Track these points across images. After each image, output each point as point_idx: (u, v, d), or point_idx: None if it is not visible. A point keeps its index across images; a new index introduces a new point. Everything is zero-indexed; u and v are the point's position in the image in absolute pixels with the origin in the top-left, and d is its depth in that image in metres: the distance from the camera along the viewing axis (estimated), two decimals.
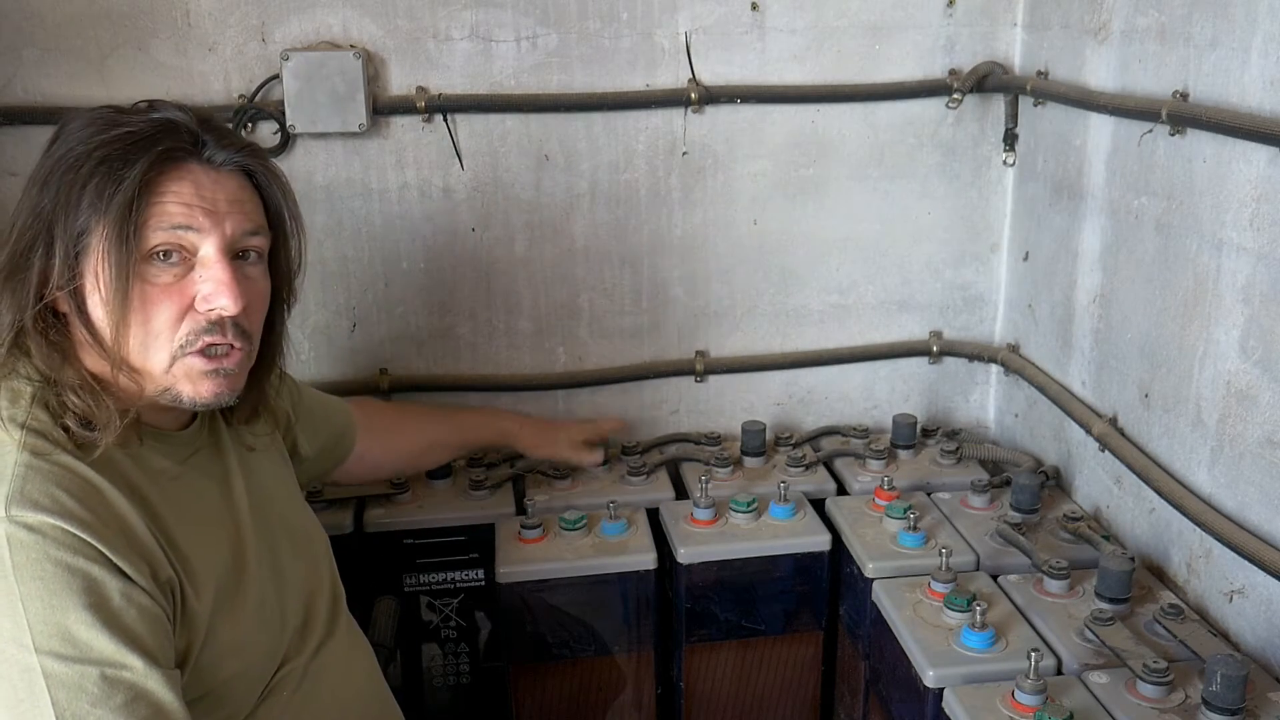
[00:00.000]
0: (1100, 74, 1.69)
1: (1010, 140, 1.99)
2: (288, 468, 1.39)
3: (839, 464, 1.96)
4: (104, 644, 0.95)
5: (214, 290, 1.08)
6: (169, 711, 0.97)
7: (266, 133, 1.83)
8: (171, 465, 1.13)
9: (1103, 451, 1.72)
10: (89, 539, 0.96)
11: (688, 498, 1.87)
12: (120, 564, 0.98)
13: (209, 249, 1.08)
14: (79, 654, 0.94)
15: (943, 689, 1.38)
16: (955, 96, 1.93)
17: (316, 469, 1.57)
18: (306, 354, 1.94)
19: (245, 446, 1.26)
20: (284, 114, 1.79)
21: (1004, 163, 2.02)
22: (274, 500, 1.27)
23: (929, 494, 1.85)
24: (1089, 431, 1.73)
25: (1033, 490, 1.73)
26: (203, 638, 1.07)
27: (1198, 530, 1.46)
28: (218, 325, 1.09)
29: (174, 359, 1.08)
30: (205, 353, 1.09)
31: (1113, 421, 1.70)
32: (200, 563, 1.09)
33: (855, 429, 2.05)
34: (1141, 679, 1.30)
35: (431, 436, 1.79)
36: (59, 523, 0.96)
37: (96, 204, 1.03)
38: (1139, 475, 1.59)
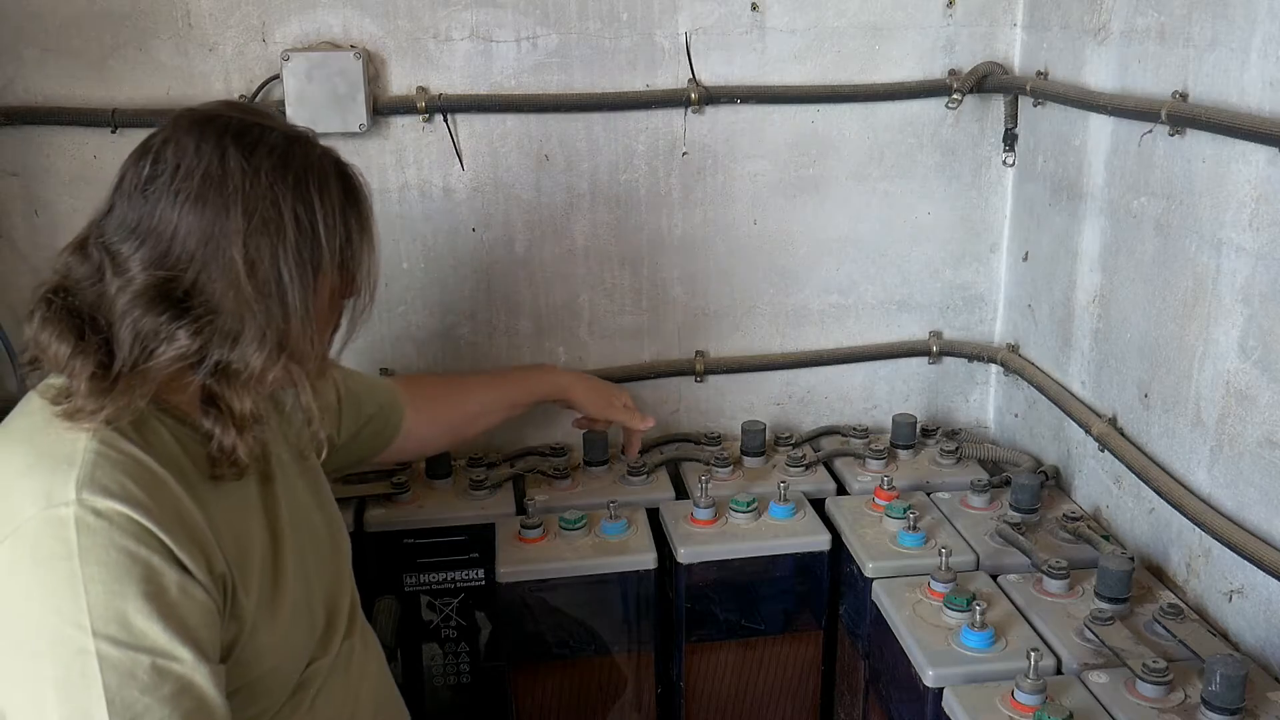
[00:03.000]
0: (1100, 74, 1.69)
1: (1010, 140, 1.99)
2: (319, 468, 1.38)
3: (839, 464, 1.96)
4: (158, 634, 0.96)
5: None
6: (212, 706, 0.98)
7: None
8: None
9: (1102, 451, 1.72)
10: (153, 529, 0.97)
11: (688, 498, 1.87)
12: (180, 556, 0.98)
13: None
14: (133, 641, 0.95)
15: (942, 689, 1.38)
16: (955, 97, 1.94)
17: (357, 453, 1.56)
18: None
19: (290, 445, 1.27)
20: (285, 114, 1.80)
21: (1004, 163, 2.02)
22: (305, 504, 1.27)
23: (929, 494, 1.85)
24: (1088, 431, 1.73)
25: (1032, 490, 1.73)
26: (247, 633, 1.08)
27: (1197, 530, 1.46)
28: None
29: None
30: None
31: (1112, 421, 1.70)
32: (247, 560, 1.10)
33: (855, 429, 2.05)
34: (1141, 679, 1.31)
35: (481, 401, 1.75)
36: (126, 510, 0.96)
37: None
38: (1138, 475, 1.59)
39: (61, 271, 1.05)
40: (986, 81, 1.94)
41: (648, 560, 1.72)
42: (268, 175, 1.03)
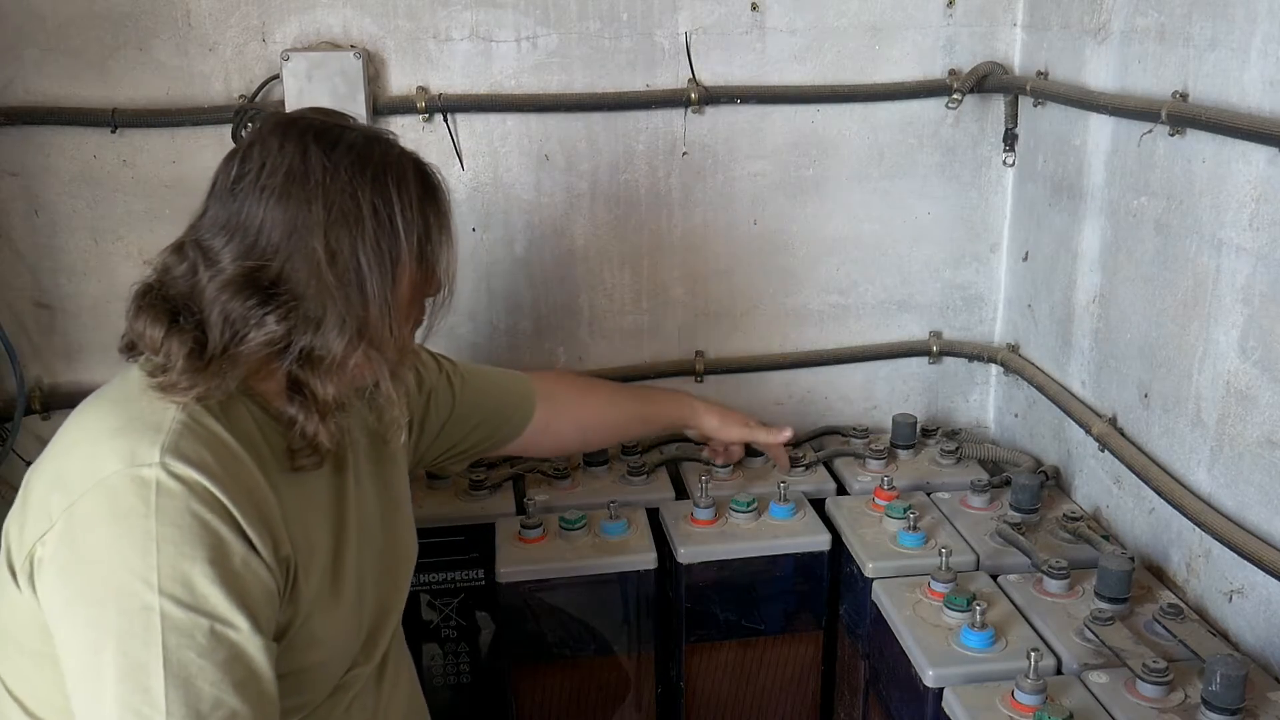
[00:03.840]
0: (1100, 74, 1.69)
1: (1010, 140, 1.99)
2: (402, 474, 1.38)
3: (839, 464, 1.96)
4: (219, 600, 0.98)
5: None
6: (261, 677, 1.00)
7: None
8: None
9: (1102, 451, 1.72)
10: (226, 502, 1.00)
11: (688, 498, 1.87)
12: (248, 531, 1.01)
13: None
14: (195, 603, 0.97)
15: (942, 689, 1.38)
16: (955, 97, 1.94)
17: (474, 442, 1.56)
18: None
19: (377, 436, 1.27)
20: None
21: (1004, 163, 2.02)
22: (373, 509, 1.27)
23: (929, 494, 1.85)
24: (1089, 431, 1.73)
25: (1032, 490, 1.73)
26: (302, 620, 1.10)
27: (1197, 530, 1.46)
28: None
29: None
30: None
31: (1112, 421, 1.70)
32: (312, 550, 1.12)
33: (855, 429, 2.05)
34: (1141, 679, 1.31)
35: (620, 411, 1.75)
36: (203, 480, 0.99)
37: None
38: (1139, 475, 1.59)
39: (159, 269, 1.09)
40: (986, 81, 1.94)
41: (648, 560, 1.72)
42: (347, 171, 1.07)
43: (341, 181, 1.07)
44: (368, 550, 1.24)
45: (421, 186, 1.14)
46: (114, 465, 0.99)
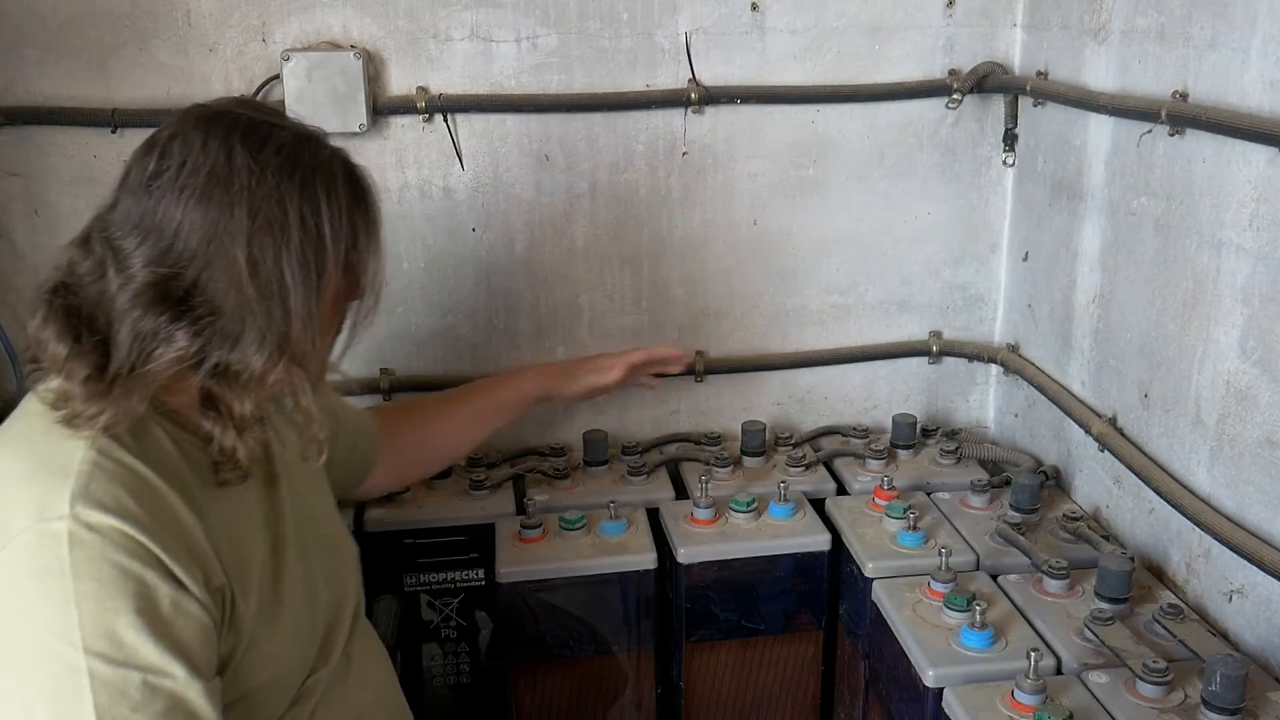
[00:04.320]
0: (1100, 74, 1.69)
1: (1010, 140, 1.99)
2: (323, 475, 1.36)
3: (839, 464, 1.96)
4: (150, 651, 0.94)
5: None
6: None
7: None
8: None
9: (1102, 451, 1.72)
10: (148, 543, 0.95)
11: (688, 498, 1.87)
12: (175, 570, 0.97)
13: None
14: (125, 658, 0.93)
15: (942, 689, 1.38)
16: (955, 97, 1.94)
17: (337, 482, 1.47)
18: None
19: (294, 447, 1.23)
20: None
21: (1004, 163, 2.02)
22: (312, 507, 1.26)
23: (929, 494, 1.85)
24: (1088, 431, 1.73)
25: (1032, 490, 1.73)
26: (246, 644, 1.06)
27: (1197, 530, 1.46)
28: None
29: None
30: None
31: (1112, 421, 1.70)
32: (247, 568, 1.08)
33: (855, 429, 2.05)
34: (1141, 679, 1.31)
35: (461, 427, 1.70)
36: (121, 525, 0.94)
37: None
38: (1138, 475, 1.59)
39: (65, 267, 1.03)
40: (986, 81, 1.94)
41: (648, 560, 1.72)
42: (274, 174, 1.01)
43: (268, 186, 1.00)
44: (312, 547, 1.21)
45: (351, 192, 1.08)
46: (23, 521, 0.94)
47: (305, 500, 1.24)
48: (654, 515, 1.82)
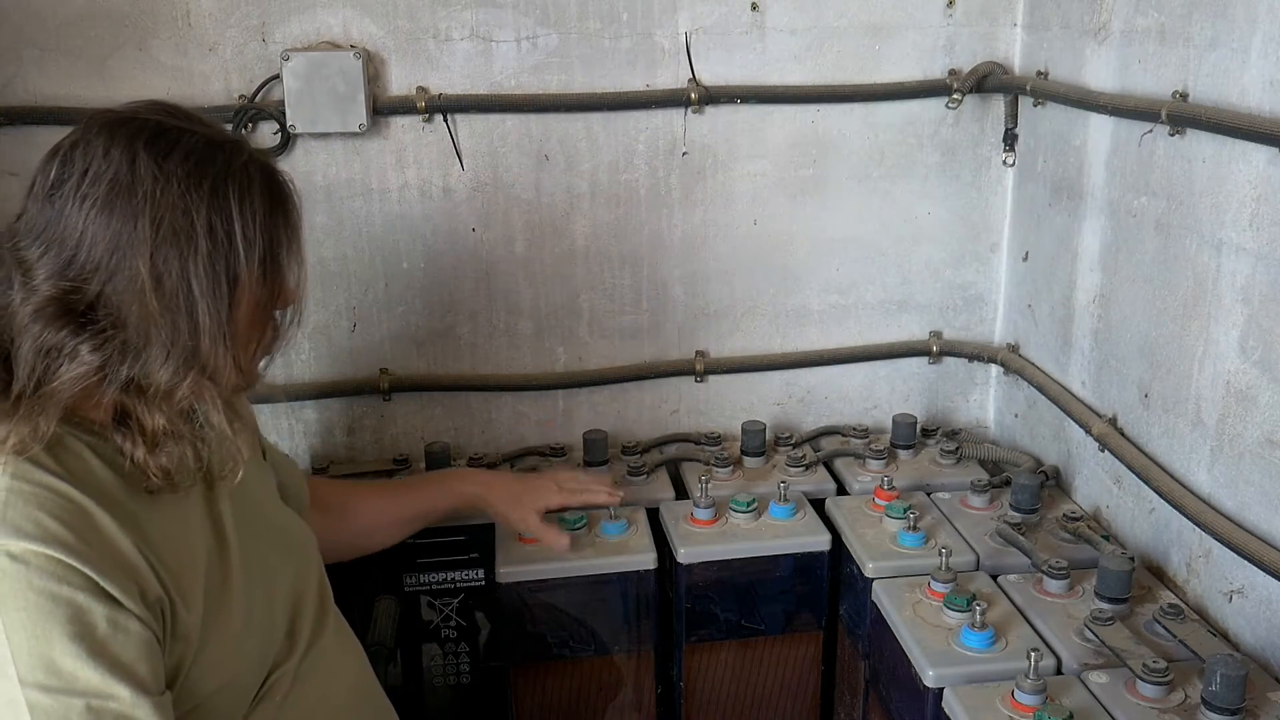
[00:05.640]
0: (1100, 74, 1.69)
1: (1010, 140, 1.99)
2: (266, 469, 1.34)
3: (839, 464, 1.96)
4: (89, 675, 0.92)
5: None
6: None
7: (267, 133, 1.83)
8: None
9: (1102, 451, 1.72)
10: (75, 564, 0.93)
11: (688, 498, 1.87)
12: (108, 588, 0.95)
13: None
14: (64, 685, 0.92)
15: (942, 689, 1.38)
16: (955, 97, 1.93)
17: None
18: (306, 354, 1.94)
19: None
20: (284, 114, 1.80)
21: (1004, 163, 2.02)
22: (257, 502, 1.23)
23: (929, 494, 1.85)
24: (1089, 431, 1.73)
25: (1033, 490, 1.73)
26: (195, 652, 1.04)
27: (1197, 530, 1.46)
28: None
29: None
30: None
31: (1112, 421, 1.70)
32: (188, 574, 1.05)
33: (855, 429, 2.05)
34: (1141, 679, 1.31)
35: (388, 515, 1.62)
36: (44, 549, 0.92)
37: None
38: (1139, 475, 1.59)
39: None
40: (986, 81, 1.94)
41: (648, 560, 1.72)
42: (180, 182, 0.99)
43: (173, 195, 0.97)
44: (265, 541, 1.19)
45: (269, 199, 1.05)
46: None
47: (252, 495, 1.21)
48: (654, 515, 1.82)
